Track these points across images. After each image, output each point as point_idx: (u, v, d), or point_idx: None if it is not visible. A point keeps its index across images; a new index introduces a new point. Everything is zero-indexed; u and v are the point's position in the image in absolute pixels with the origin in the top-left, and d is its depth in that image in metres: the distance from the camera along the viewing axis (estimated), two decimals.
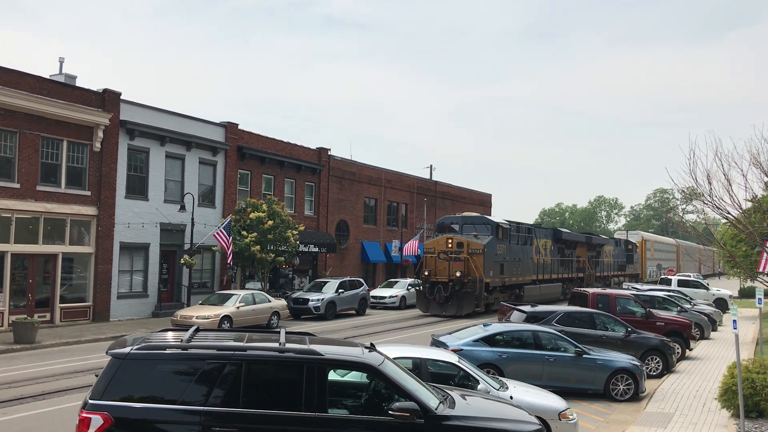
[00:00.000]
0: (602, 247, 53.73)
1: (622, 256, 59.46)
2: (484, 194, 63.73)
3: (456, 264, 32.49)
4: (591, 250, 51.04)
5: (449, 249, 32.98)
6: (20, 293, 24.37)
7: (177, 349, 7.32)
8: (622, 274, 58.47)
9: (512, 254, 36.26)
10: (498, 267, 34.31)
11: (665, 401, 14.54)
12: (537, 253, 40.67)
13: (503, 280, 34.99)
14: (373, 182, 45.63)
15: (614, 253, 57.46)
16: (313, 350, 7.43)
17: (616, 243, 59.65)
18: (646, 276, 66.80)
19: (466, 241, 32.99)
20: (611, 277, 55.28)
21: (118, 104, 27.84)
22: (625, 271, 59.63)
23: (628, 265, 60.90)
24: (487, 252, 33.05)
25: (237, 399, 7.03)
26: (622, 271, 59.04)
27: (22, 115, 24.06)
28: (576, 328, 17.40)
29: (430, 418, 7.28)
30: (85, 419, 6.76)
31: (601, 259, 53.33)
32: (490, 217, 36.80)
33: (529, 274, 39.06)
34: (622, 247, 60.52)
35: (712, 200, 16.30)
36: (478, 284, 32.16)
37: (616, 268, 57.36)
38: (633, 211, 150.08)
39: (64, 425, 11.04)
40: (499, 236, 34.46)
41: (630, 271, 61.34)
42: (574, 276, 47.21)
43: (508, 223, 36.61)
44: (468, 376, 10.71)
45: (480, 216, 36.34)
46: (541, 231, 43.05)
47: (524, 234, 38.98)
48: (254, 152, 34.92)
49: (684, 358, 20.48)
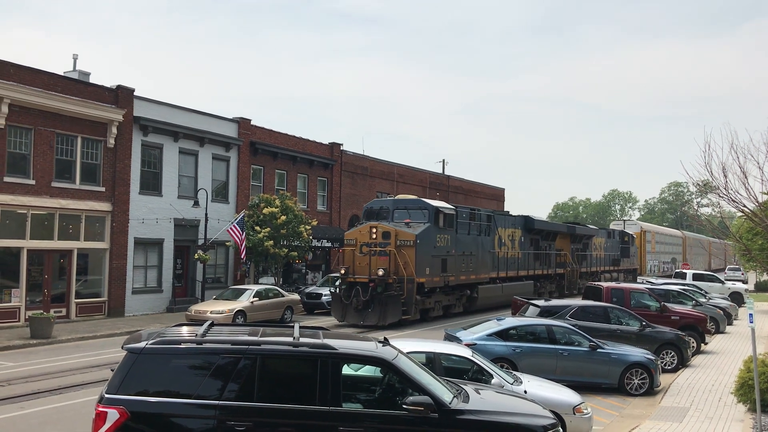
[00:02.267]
0: (590, 239, 47.25)
1: (615, 249, 52.64)
2: (497, 188, 63.56)
3: (380, 260, 25.46)
4: (575, 242, 44.42)
5: (373, 240, 25.83)
6: (36, 289, 24.57)
7: (192, 344, 7.36)
8: (615, 269, 51.59)
9: (461, 247, 29.20)
10: (438, 263, 27.21)
11: (680, 396, 14.46)
12: (500, 245, 33.82)
13: (446, 279, 27.92)
14: (386, 177, 45.61)
15: (606, 245, 50.75)
16: (327, 344, 7.45)
17: (609, 234, 52.69)
18: (645, 271, 60.10)
19: (394, 230, 25.82)
20: (602, 273, 48.75)
21: (132, 100, 27.97)
22: (620, 266, 52.51)
23: (624, 260, 53.97)
24: (422, 244, 25.93)
25: (251, 393, 7.06)
26: (616, 266, 51.93)
27: (37, 112, 24.23)
28: (590, 323, 17.33)
29: (444, 412, 7.28)
30: (102, 413, 6.81)
31: (589, 253, 46.78)
32: (428, 200, 28.33)
33: (487, 270, 32.00)
34: (617, 238, 53.58)
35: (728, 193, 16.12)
36: (407, 285, 25.23)
37: (608, 263, 50.72)
38: (647, 205, 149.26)
39: (81, 419, 11.13)
40: (439, 224, 27.42)
41: (625, 265, 54.13)
42: (552, 272, 40.53)
43: (455, 208, 29.61)
44: (482, 370, 10.71)
45: (415, 199, 28.63)
46: (507, 219, 35.90)
47: (481, 222, 31.93)
48: (267, 148, 34.99)
49: (699, 352, 20.36)
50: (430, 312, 27.44)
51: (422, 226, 26.47)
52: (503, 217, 35.76)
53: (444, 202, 30.09)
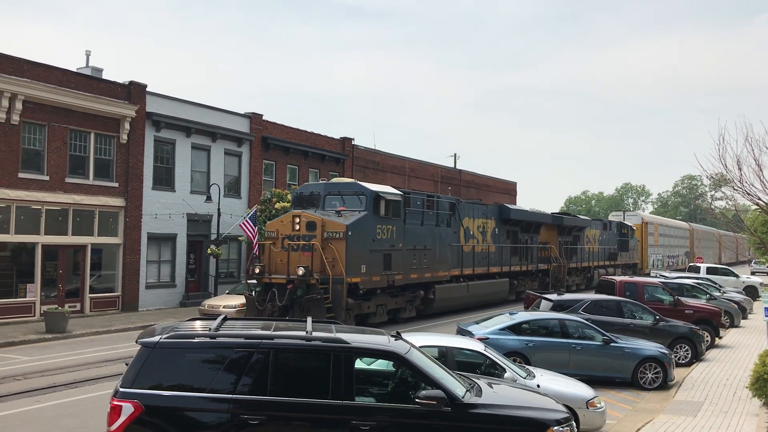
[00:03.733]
0: (582, 231, 42.86)
1: (612, 242, 48.21)
2: (509, 182, 63.38)
3: (303, 255, 20.85)
4: (564, 234, 40.36)
5: (296, 232, 21.21)
6: (51, 284, 24.77)
7: (205, 338, 7.41)
8: (612, 264, 47.44)
9: (412, 239, 24.67)
10: (379, 258, 22.66)
11: (694, 390, 14.39)
12: (468, 237, 29.48)
13: (390, 278, 23.27)
14: (397, 171, 45.56)
15: (601, 238, 46.49)
16: (340, 338, 7.48)
17: (605, 226, 48.08)
18: (647, 266, 54.98)
19: (321, 219, 21.20)
20: (596, 268, 44.59)
21: (144, 96, 28.08)
22: (617, 260, 48.42)
23: (622, 254, 49.64)
24: (355, 236, 21.37)
25: (265, 387, 7.10)
26: (613, 260, 47.82)
27: (51, 108, 24.38)
28: (603, 317, 17.27)
29: (457, 406, 7.29)
30: (117, 407, 6.88)
31: (581, 246, 42.54)
32: (366, 184, 23.78)
33: (447, 267, 27.29)
34: (614, 230, 48.96)
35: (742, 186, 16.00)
36: (334, 286, 20.54)
37: (604, 258, 46.49)
38: (660, 198, 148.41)
39: (96, 413, 11.22)
40: (380, 212, 22.73)
41: (624, 260, 50.00)
42: (534, 268, 36.16)
43: (403, 193, 24.81)
44: (494, 364, 10.70)
45: (350, 182, 24.21)
46: (476, 208, 31.29)
47: (440, 211, 27.21)
48: (278, 142, 35.04)
49: (713, 346, 20.26)
50: (370, 318, 22.77)
51: (357, 215, 21.85)
52: (471, 205, 31.14)
53: (389, 187, 25.16)
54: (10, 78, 22.84)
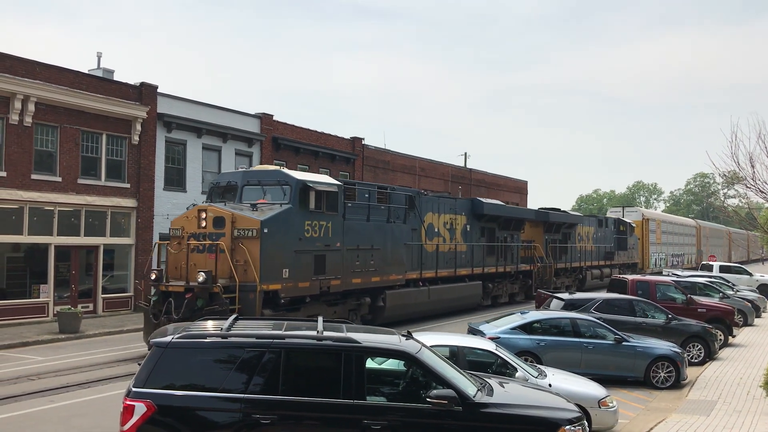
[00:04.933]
0: (573, 229, 39.47)
1: (608, 240, 44.78)
2: (520, 181, 63.20)
3: (208, 258, 17.55)
4: (551, 231, 37.06)
5: (202, 230, 17.98)
6: (64, 284, 24.92)
7: (217, 338, 7.45)
8: (608, 264, 44.15)
9: (354, 238, 21.32)
10: (309, 260, 19.24)
11: (707, 389, 14.31)
12: (431, 235, 26.17)
13: (324, 284, 19.80)
14: (407, 171, 45.54)
15: (596, 236, 43.02)
16: (351, 338, 7.49)
17: (600, 223, 44.47)
18: (648, 266, 51.81)
19: (231, 214, 17.87)
20: (589, 268, 41.32)
21: (155, 97, 28.21)
22: (614, 260, 45.14)
23: (620, 252, 46.36)
24: (273, 234, 18.00)
25: (276, 387, 7.12)
26: (609, 260, 44.48)
27: (63, 109, 24.53)
28: (615, 315, 17.21)
29: (469, 405, 7.28)
30: (129, 407, 6.92)
31: (571, 245, 39.21)
32: (293, 172, 20.36)
33: (402, 269, 23.75)
34: (610, 227, 45.53)
35: (755, 184, 15.93)
36: (245, 295, 17.31)
37: (599, 257, 43.20)
38: (672, 197, 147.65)
39: (109, 412, 11.29)
40: (309, 205, 19.26)
41: (622, 259, 46.73)
42: (513, 270, 32.41)
43: (341, 183, 21.19)
44: (506, 363, 10.69)
45: (273, 170, 20.12)
46: (443, 202, 27.60)
47: (394, 205, 23.71)
48: (289, 143, 35.10)
49: (727, 345, 20.13)
50: None
51: (278, 209, 18.47)
52: (436, 199, 27.48)
53: (323, 176, 22.33)
54: (23, 80, 23.01)
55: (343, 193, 21.05)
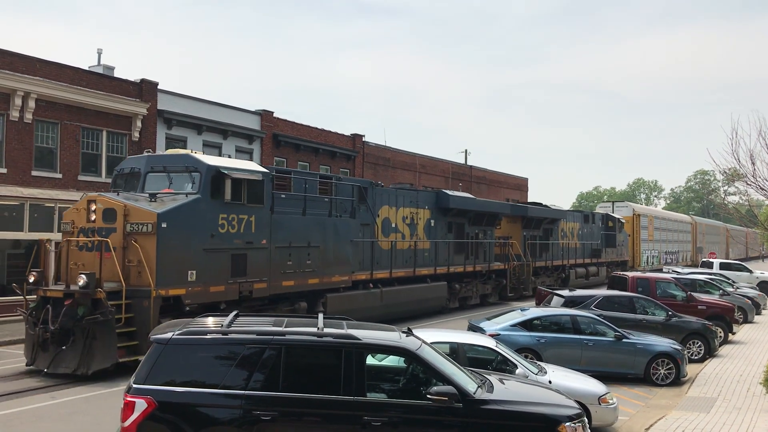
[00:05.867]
0: (555, 224, 37.11)
1: (595, 237, 42.49)
2: (521, 178, 63.17)
3: (97, 257, 14.90)
4: (530, 227, 34.49)
5: (91, 224, 15.38)
6: None
7: (217, 335, 7.45)
8: (595, 262, 41.84)
9: (285, 234, 18.49)
10: (223, 261, 16.52)
11: (707, 386, 14.32)
12: (388, 231, 23.62)
13: (245, 288, 17.10)
14: (408, 168, 45.53)
15: (582, 232, 40.88)
16: (351, 335, 7.50)
17: (586, 218, 42.10)
18: (639, 264, 49.33)
19: (123, 206, 15.14)
20: (573, 267, 38.96)
21: (156, 94, 28.20)
22: (601, 257, 42.63)
23: (608, 250, 43.90)
24: (174, 229, 15.29)
25: (277, 383, 7.14)
26: (596, 258, 42.05)
27: (63, 106, 24.53)
28: (615, 312, 17.23)
29: (469, 402, 7.29)
30: (130, 403, 6.93)
31: (553, 242, 36.89)
32: (203, 156, 17.22)
33: (347, 270, 21.10)
34: (597, 223, 43.20)
35: (756, 181, 15.95)
36: (138, 303, 14.71)
37: (585, 254, 40.89)
38: (673, 194, 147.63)
39: (110, 408, 11.31)
40: (225, 195, 16.41)
41: (610, 257, 44.29)
42: (485, 269, 29.59)
43: (266, 171, 18.27)
44: (506, 360, 10.70)
45: (183, 155, 17.33)
46: (402, 194, 24.98)
47: (338, 197, 20.97)
48: (289, 140, 35.08)
49: (726, 342, 20.15)
50: None
51: (181, 200, 15.74)
52: (393, 191, 24.94)
53: (244, 162, 19.16)
54: (23, 77, 23.01)
55: (272, 183, 18.31)
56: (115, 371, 14.25)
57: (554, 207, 38.25)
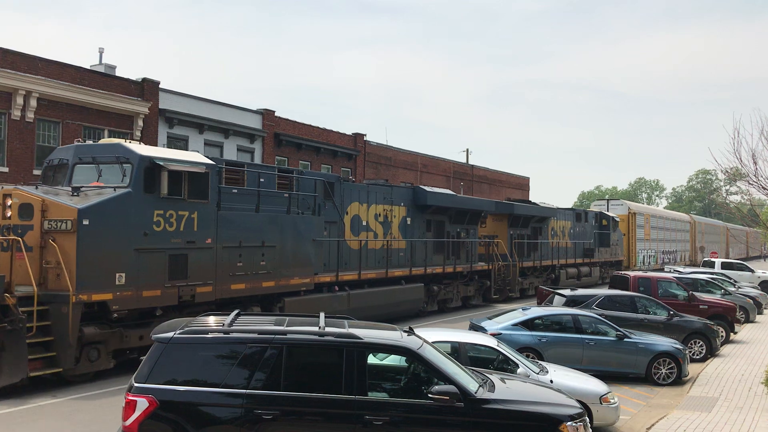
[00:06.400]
0: (544, 223, 35.39)
1: (588, 236, 40.73)
2: (522, 177, 63.18)
3: (18, 258, 13.27)
4: (517, 225, 32.79)
5: (6, 221, 13.92)
6: None
7: (219, 334, 7.45)
8: (587, 262, 40.16)
9: (235, 232, 16.61)
10: (159, 262, 14.69)
11: (709, 385, 14.31)
12: (357, 229, 22.01)
13: (186, 292, 15.26)
14: (409, 167, 45.54)
15: (573, 231, 39.12)
16: (352, 334, 7.50)
17: (578, 217, 40.28)
18: (635, 263, 47.70)
19: (40, 200, 13.56)
20: (564, 267, 37.20)
21: (157, 93, 28.22)
22: (594, 257, 40.93)
23: (601, 249, 42.25)
24: (98, 227, 13.60)
25: (278, 382, 7.14)
26: (589, 257, 40.36)
27: (65, 105, 24.56)
28: (617, 312, 17.22)
29: (470, 401, 7.29)
30: (131, 402, 6.93)
31: (543, 241, 35.20)
32: (136, 146, 15.09)
33: (309, 271, 19.03)
34: (591, 222, 41.51)
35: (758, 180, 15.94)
36: (56, 309, 13.12)
37: (577, 254, 39.11)
38: (675, 193, 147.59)
39: (112, 407, 11.32)
40: (161, 189, 14.64)
41: (604, 257, 42.72)
42: (467, 269, 27.77)
43: (212, 163, 16.12)
44: (507, 360, 10.70)
45: (114, 144, 15.31)
46: (374, 190, 23.30)
47: (299, 193, 19.20)
48: (291, 139, 35.11)
49: (728, 341, 20.13)
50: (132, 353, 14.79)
51: (108, 194, 14.00)
52: (365, 187, 23.24)
53: (189, 153, 17.05)
54: (25, 76, 23.04)
55: (219, 176, 16.48)
56: (115, 370, 14.26)
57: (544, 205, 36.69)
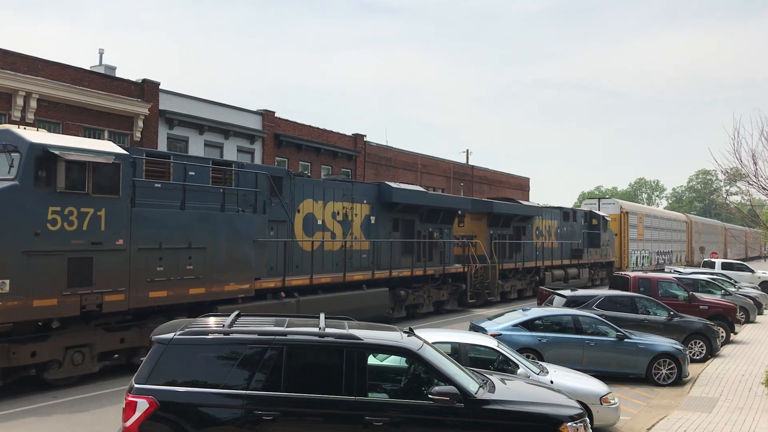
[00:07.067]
0: (528, 222, 33.51)
1: (576, 236, 38.85)
2: (522, 178, 63.18)
3: None
4: (497, 225, 30.92)
5: None
6: None
7: (219, 335, 7.45)
8: (576, 263, 38.15)
9: (153, 232, 14.35)
10: (55, 266, 12.59)
11: (709, 386, 14.31)
12: (312, 229, 20.06)
13: (90, 301, 13.16)
14: (409, 168, 45.52)
15: (561, 231, 37.25)
16: (353, 335, 7.50)
17: (566, 216, 38.29)
18: (627, 265, 45.56)
19: None
20: (549, 269, 35.19)
21: (157, 94, 28.22)
22: (583, 258, 38.91)
23: (591, 250, 40.23)
24: None
25: (278, 383, 7.14)
26: (577, 258, 38.37)
27: (65, 106, 24.56)
28: (617, 312, 17.23)
29: (470, 402, 7.29)
30: (132, 403, 6.94)
31: (527, 241, 33.26)
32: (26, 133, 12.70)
33: (249, 276, 16.73)
34: (579, 221, 39.56)
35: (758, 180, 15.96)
36: None
37: (564, 255, 37.21)
38: (675, 193, 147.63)
39: (112, 408, 11.32)
40: (57, 182, 12.61)
41: (594, 257, 40.62)
42: (439, 272, 25.41)
43: (141, 152, 15.45)
44: (507, 360, 10.70)
45: (3, 130, 12.83)
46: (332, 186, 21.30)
47: (242, 188, 17.20)
48: (291, 139, 35.10)
49: (728, 342, 20.14)
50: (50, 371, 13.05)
51: None
52: (320, 182, 21.25)
53: (95, 141, 14.29)
54: (25, 77, 23.04)
55: (133, 168, 14.20)
56: (116, 371, 14.26)
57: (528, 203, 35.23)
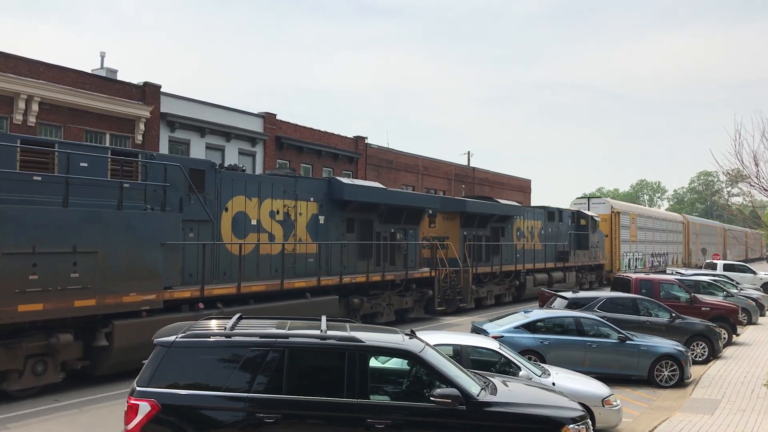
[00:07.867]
0: (508, 222, 30.89)
1: (562, 238, 36.21)
2: (524, 180, 63.15)
3: None
4: (472, 225, 28.43)
5: None
6: None
7: (221, 337, 7.45)
8: (561, 266, 35.51)
9: (24, 234, 11.94)
10: None
11: (711, 387, 14.29)
12: (241, 230, 17.53)
13: None
14: (411, 170, 45.51)
15: (544, 232, 34.67)
16: (354, 337, 7.50)
17: (551, 216, 35.61)
18: (618, 267, 42.61)
19: None
20: (531, 273, 32.49)
21: (159, 97, 28.25)
22: (569, 261, 36.16)
23: (578, 252, 37.66)
24: None
25: (280, 386, 7.14)
26: (563, 261, 35.66)
27: (66, 109, 24.59)
28: (619, 314, 17.21)
29: (472, 404, 7.29)
30: (134, 406, 6.94)
31: (507, 243, 30.64)
32: None
33: (156, 285, 14.24)
34: (566, 222, 36.94)
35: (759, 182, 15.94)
36: None
37: (547, 257, 34.32)
38: (676, 195, 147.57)
39: (114, 411, 11.32)
40: None
41: (582, 260, 38.02)
42: (402, 277, 22.92)
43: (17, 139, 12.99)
44: (509, 362, 10.69)
45: None
46: (270, 181, 18.96)
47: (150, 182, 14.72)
48: (292, 142, 35.12)
49: (731, 343, 20.12)
50: None
51: None
52: (254, 177, 18.97)
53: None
54: (27, 80, 23.07)
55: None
56: (118, 373, 14.25)
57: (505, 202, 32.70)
